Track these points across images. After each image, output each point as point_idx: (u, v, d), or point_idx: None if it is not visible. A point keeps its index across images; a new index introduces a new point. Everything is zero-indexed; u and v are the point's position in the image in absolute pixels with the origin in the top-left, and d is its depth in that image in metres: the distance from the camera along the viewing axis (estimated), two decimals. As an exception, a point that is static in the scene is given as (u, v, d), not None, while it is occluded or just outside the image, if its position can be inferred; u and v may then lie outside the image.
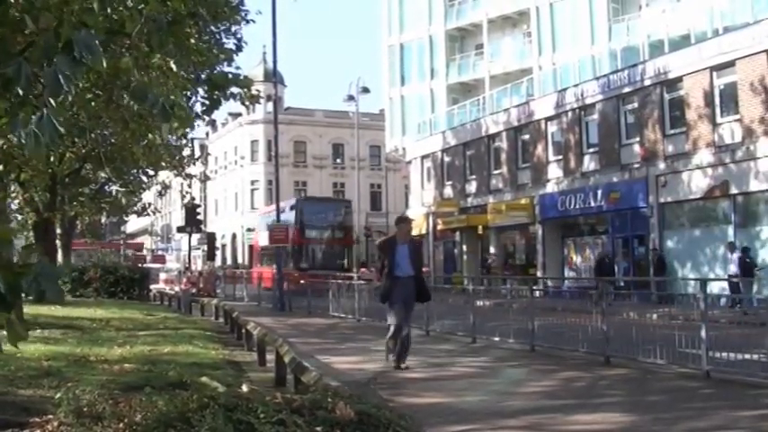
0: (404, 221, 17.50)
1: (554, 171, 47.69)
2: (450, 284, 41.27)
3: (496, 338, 20.30)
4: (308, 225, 55.11)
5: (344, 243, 56.96)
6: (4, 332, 4.67)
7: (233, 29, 23.72)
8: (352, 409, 7.27)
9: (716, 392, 12.91)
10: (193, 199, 56.78)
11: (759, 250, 34.61)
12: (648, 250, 39.59)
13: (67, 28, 4.99)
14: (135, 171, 36.74)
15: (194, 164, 45.74)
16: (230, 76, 20.26)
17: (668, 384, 13.75)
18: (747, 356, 14.24)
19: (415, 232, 63.17)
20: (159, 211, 66.34)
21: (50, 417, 7.94)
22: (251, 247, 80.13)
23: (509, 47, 64.86)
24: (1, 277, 4.51)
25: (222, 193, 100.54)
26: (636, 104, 41.85)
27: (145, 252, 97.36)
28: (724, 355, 14.58)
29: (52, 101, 4.92)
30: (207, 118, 22.39)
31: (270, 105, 58.55)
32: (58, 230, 40.42)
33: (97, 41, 5.15)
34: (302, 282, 40.91)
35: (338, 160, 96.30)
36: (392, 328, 16.01)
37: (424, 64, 70.98)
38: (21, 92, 4.84)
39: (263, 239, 57.04)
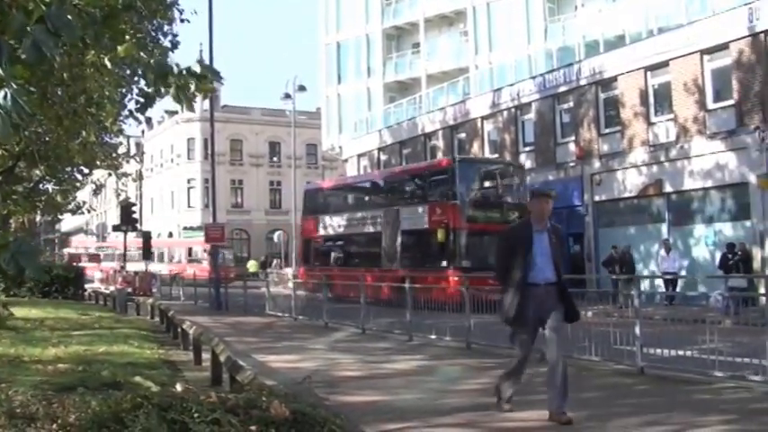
0: (543, 196, 10.96)
1: (490, 170, 47.84)
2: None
3: (433, 336, 20.36)
4: (473, 201, 37.01)
5: None
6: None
7: (168, 27, 23.67)
8: (287, 408, 7.25)
9: (650, 389, 13.04)
10: (128, 198, 55.68)
11: (693, 248, 35.09)
12: (582, 247, 39.94)
13: (38, 5, 4.95)
14: (69, 169, 36.34)
15: (128, 162, 45.31)
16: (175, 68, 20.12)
17: (603, 381, 13.86)
18: (681, 353, 14.41)
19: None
20: (94, 210, 65.65)
21: (-19, 418, 7.83)
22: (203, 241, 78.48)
23: (446, 46, 65.13)
24: None
25: (158, 191, 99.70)
26: (571, 104, 42.22)
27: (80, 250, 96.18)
28: (658, 351, 14.74)
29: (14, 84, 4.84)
30: (141, 116, 22.23)
31: (206, 103, 58.37)
32: (-9, 229, 39.90)
33: (69, 16, 5.11)
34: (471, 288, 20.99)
35: (275, 158, 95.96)
36: (516, 362, 11.06)
37: (361, 62, 71.08)
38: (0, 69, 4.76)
39: (322, 224, 46.46)
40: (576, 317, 11.09)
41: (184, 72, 6.73)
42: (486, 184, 39.15)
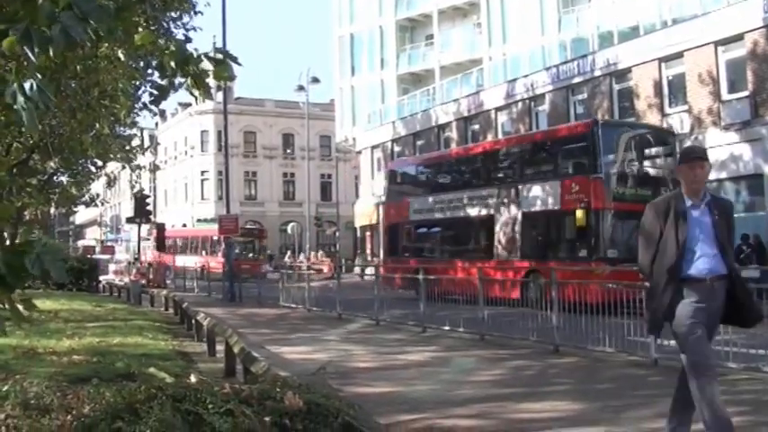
0: (697, 159, 7.63)
1: (504, 161, 47.66)
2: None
3: (446, 328, 20.34)
4: (620, 174, 28.79)
5: None
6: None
7: (183, 18, 23.71)
8: (301, 399, 7.26)
9: (664, 380, 12.94)
10: (142, 189, 55.56)
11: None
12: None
13: None
14: (83, 162, 36.40)
15: (144, 154, 45.33)
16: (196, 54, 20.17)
17: (617, 372, 13.83)
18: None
19: (365, 222, 61.04)
20: (108, 202, 65.74)
21: (-3, 409, 7.85)
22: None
23: (459, 37, 64.96)
24: (1, 257, 4.39)
25: (172, 183, 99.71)
26: (585, 95, 42.18)
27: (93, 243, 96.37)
28: (672, 342, 14.64)
29: (39, 74, 4.84)
30: (155, 108, 22.28)
31: (220, 95, 58.29)
32: (6, 221, 39.87)
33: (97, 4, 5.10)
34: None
35: (288, 150, 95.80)
36: (695, 383, 7.90)
37: (375, 54, 70.99)
38: (32, 56, 4.73)
39: (414, 207, 38.26)
40: (757, 318, 7.90)
41: (203, 58, 6.68)
42: (634, 153, 30.10)
